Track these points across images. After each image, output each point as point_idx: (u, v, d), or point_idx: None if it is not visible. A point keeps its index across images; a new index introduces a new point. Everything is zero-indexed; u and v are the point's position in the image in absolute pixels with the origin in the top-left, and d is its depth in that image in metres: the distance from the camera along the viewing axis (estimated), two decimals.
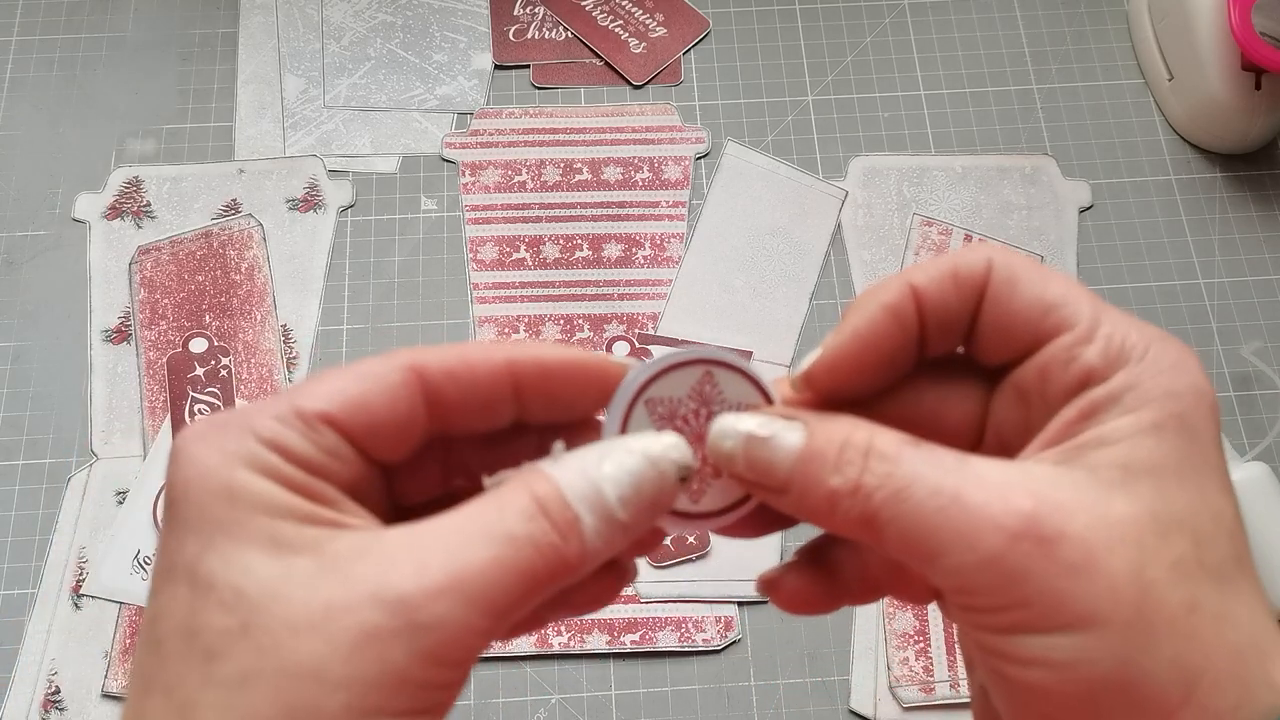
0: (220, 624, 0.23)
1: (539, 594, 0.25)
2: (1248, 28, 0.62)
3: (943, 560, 0.25)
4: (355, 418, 0.26)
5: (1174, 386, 0.26)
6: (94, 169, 0.67)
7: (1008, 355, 0.28)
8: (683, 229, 0.66)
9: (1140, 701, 0.24)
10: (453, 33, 0.72)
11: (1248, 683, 0.24)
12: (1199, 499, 0.25)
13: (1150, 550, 0.24)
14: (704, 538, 0.58)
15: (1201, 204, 0.67)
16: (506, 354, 0.27)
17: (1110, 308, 0.27)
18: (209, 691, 0.23)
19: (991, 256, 0.28)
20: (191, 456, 0.25)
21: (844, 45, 0.72)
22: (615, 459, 0.26)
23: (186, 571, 0.24)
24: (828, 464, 0.26)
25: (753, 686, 0.56)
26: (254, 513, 0.24)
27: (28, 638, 0.56)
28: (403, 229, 0.66)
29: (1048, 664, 0.24)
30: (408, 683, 0.23)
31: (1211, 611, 0.24)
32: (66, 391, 0.61)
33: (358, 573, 0.24)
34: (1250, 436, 0.61)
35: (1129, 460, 0.25)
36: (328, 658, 0.23)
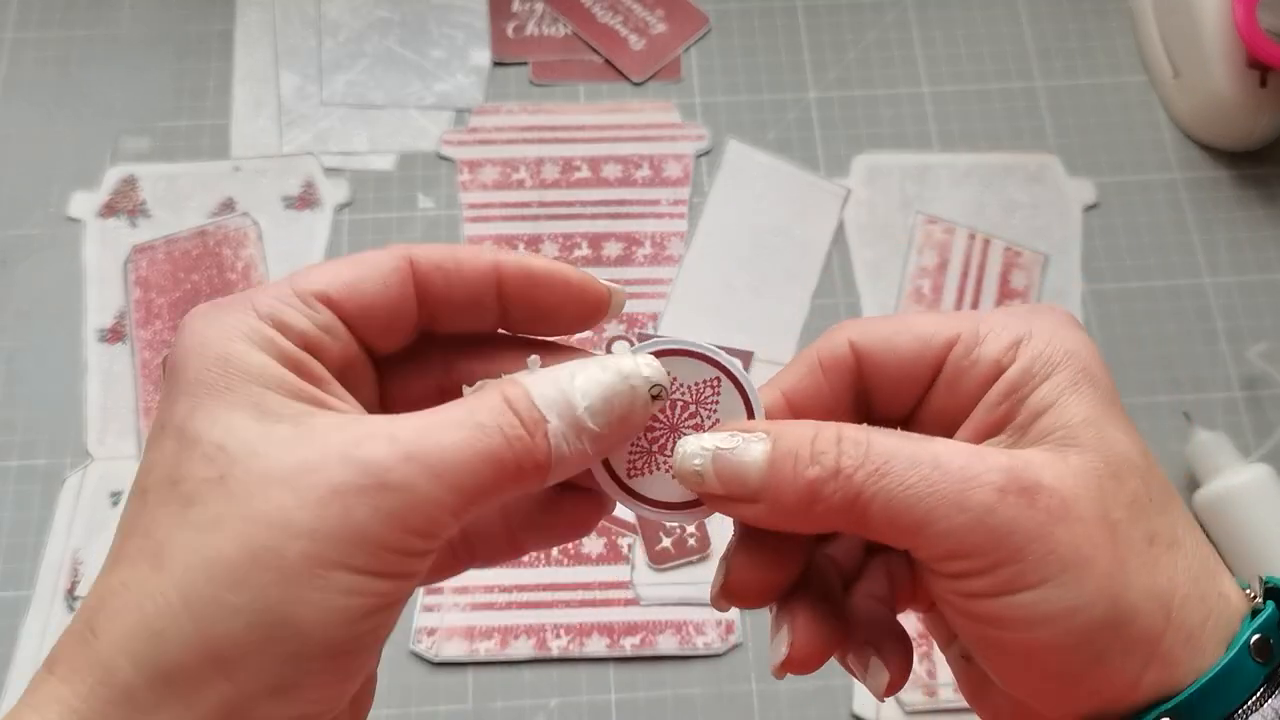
0: (200, 474, 0.25)
1: (505, 484, 0.26)
2: (1252, 24, 0.62)
3: (932, 527, 0.26)
4: (350, 298, 0.28)
5: (1069, 346, 0.28)
6: (89, 167, 0.66)
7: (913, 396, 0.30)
8: (683, 227, 0.66)
9: (1132, 634, 0.26)
10: (451, 29, 0.71)
11: (1206, 598, 0.27)
12: (1128, 440, 0.28)
13: (1110, 493, 0.27)
14: (704, 539, 0.58)
15: (1206, 202, 0.67)
16: (494, 256, 0.29)
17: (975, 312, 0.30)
18: (182, 532, 0.25)
19: (848, 334, 0.30)
20: (194, 330, 0.27)
21: (846, 42, 0.71)
22: (588, 373, 0.28)
23: (175, 429, 0.26)
24: (802, 459, 0.27)
25: (754, 691, 0.55)
26: (244, 381, 0.26)
27: (22, 640, 0.56)
28: (400, 227, 0.66)
29: (1044, 620, 0.26)
30: (368, 541, 0.25)
31: (1165, 539, 0.27)
32: (61, 392, 0.61)
33: (333, 439, 0.25)
34: (1256, 437, 0.60)
35: (1067, 419, 0.27)
36: (294, 509, 0.25)
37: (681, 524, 0.30)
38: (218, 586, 0.24)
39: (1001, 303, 0.64)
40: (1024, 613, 0.26)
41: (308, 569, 0.24)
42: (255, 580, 0.24)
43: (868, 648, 0.30)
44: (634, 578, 0.57)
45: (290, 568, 0.24)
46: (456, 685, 0.55)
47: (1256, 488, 0.56)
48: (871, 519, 0.27)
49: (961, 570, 0.26)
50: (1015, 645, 0.27)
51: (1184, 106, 0.68)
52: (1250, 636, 0.26)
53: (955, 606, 0.28)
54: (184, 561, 0.25)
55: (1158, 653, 0.26)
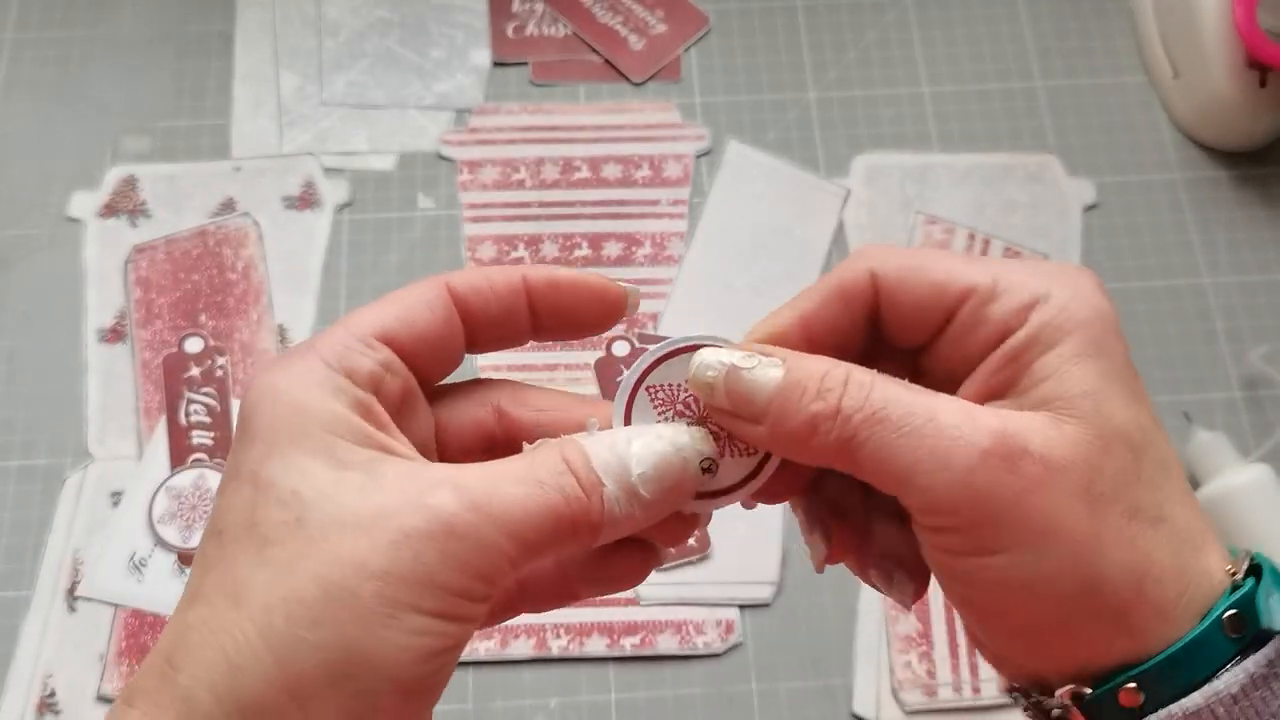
0: (277, 517, 0.27)
1: (562, 539, 0.28)
2: (1252, 24, 0.62)
3: (916, 480, 0.27)
4: (404, 332, 0.30)
5: (1082, 316, 0.29)
6: (89, 167, 0.66)
7: (923, 336, 0.31)
8: (683, 227, 0.66)
9: (1101, 605, 0.27)
10: (451, 29, 0.71)
11: (1186, 573, 0.27)
12: (1127, 414, 0.28)
13: (1096, 466, 0.27)
14: (704, 540, 0.58)
15: (1206, 202, 0.67)
16: (521, 270, 0.31)
17: (1001, 261, 0.30)
18: (260, 571, 0.26)
19: (871, 265, 0.30)
20: (265, 380, 0.29)
21: (846, 41, 0.71)
22: (644, 441, 0.29)
23: (250, 475, 0.27)
24: (808, 393, 0.28)
25: (754, 690, 0.55)
26: (317, 428, 0.27)
27: (22, 641, 0.56)
28: (400, 227, 0.66)
29: (1013, 584, 0.27)
30: (437, 585, 0.26)
31: (1150, 514, 0.27)
32: (61, 392, 0.61)
33: (403, 487, 0.27)
34: (1256, 438, 0.60)
35: (1065, 390, 0.28)
36: (368, 551, 0.26)
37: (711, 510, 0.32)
38: (296, 624, 0.26)
39: None
40: (994, 575, 0.27)
41: (381, 609, 0.26)
42: (332, 618, 0.26)
43: (887, 561, 0.32)
44: None
45: (365, 607, 0.26)
46: (456, 685, 0.55)
47: (1256, 488, 0.56)
48: (862, 462, 0.28)
49: (940, 525, 0.28)
50: (987, 604, 0.28)
51: (1184, 106, 0.68)
52: (1224, 612, 0.27)
53: (935, 560, 0.29)
54: (262, 600, 0.26)
55: (1127, 624, 0.27)
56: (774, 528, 0.58)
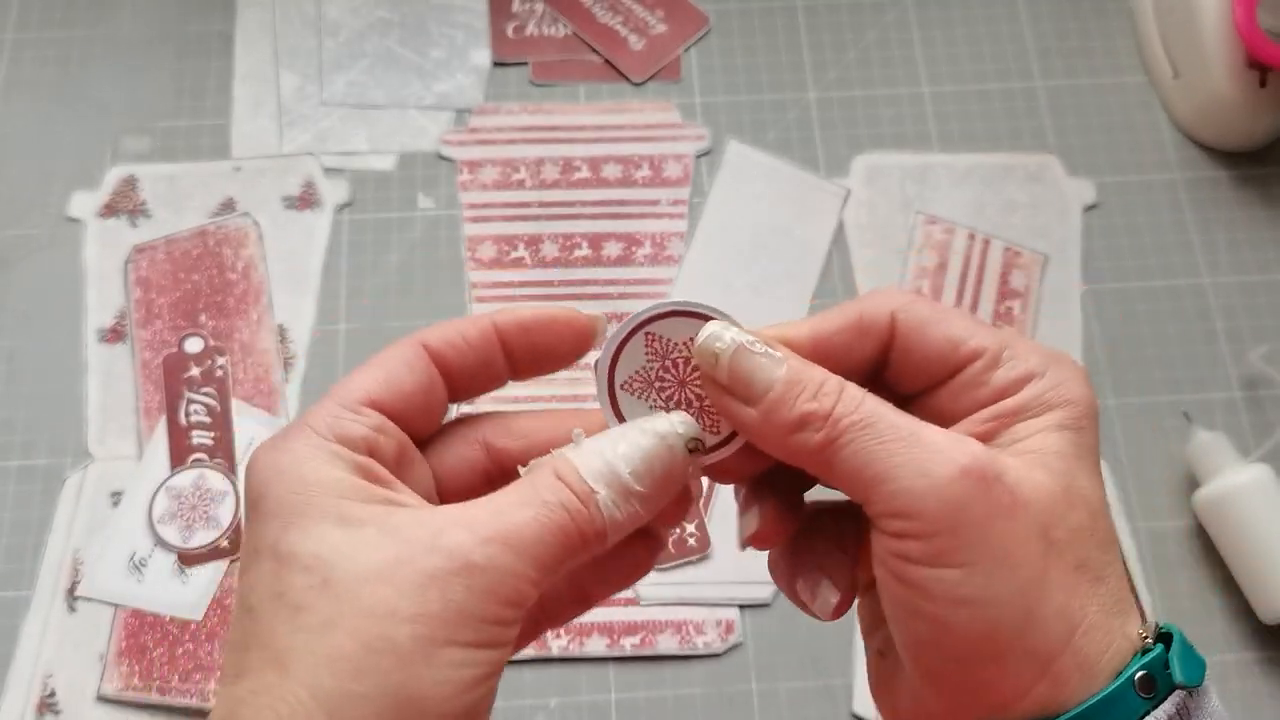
0: (303, 583, 0.27)
1: (574, 551, 0.29)
2: (1252, 24, 0.62)
3: (890, 484, 0.28)
4: (389, 394, 0.31)
5: (1070, 397, 0.30)
6: (89, 167, 0.66)
7: (923, 384, 0.32)
8: (683, 227, 0.66)
9: (1033, 644, 0.28)
10: (451, 29, 0.71)
11: (1110, 631, 0.29)
12: (1090, 485, 0.30)
13: (1059, 514, 0.29)
14: (704, 539, 0.58)
15: (1206, 202, 0.67)
16: (489, 317, 0.33)
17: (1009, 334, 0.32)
18: (298, 637, 0.27)
19: (895, 310, 0.32)
20: (265, 462, 0.30)
21: (846, 41, 0.71)
22: (628, 440, 0.30)
23: (270, 550, 0.28)
24: (806, 392, 0.30)
25: (754, 690, 0.55)
26: (323, 496, 0.29)
27: (22, 641, 0.56)
28: (400, 227, 0.66)
29: (961, 601, 0.28)
30: (468, 616, 0.27)
31: (1094, 572, 0.29)
32: (61, 392, 0.61)
33: (416, 535, 0.28)
34: (1256, 438, 0.60)
35: (1043, 448, 0.30)
36: (396, 599, 0.27)
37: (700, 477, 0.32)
38: (342, 679, 0.26)
39: (1001, 303, 0.64)
40: (945, 589, 0.28)
41: (420, 650, 0.27)
42: (374, 668, 0.27)
43: (817, 572, 0.33)
44: None
45: (404, 651, 0.27)
46: None
47: (1256, 488, 0.56)
48: (838, 465, 0.29)
49: (903, 530, 0.28)
50: (930, 618, 0.29)
51: (1184, 107, 0.68)
52: (1135, 672, 0.28)
53: (889, 567, 0.29)
54: (306, 663, 0.27)
55: (1051, 670, 0.28)
56: None
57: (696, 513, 0.58)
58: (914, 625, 0.29)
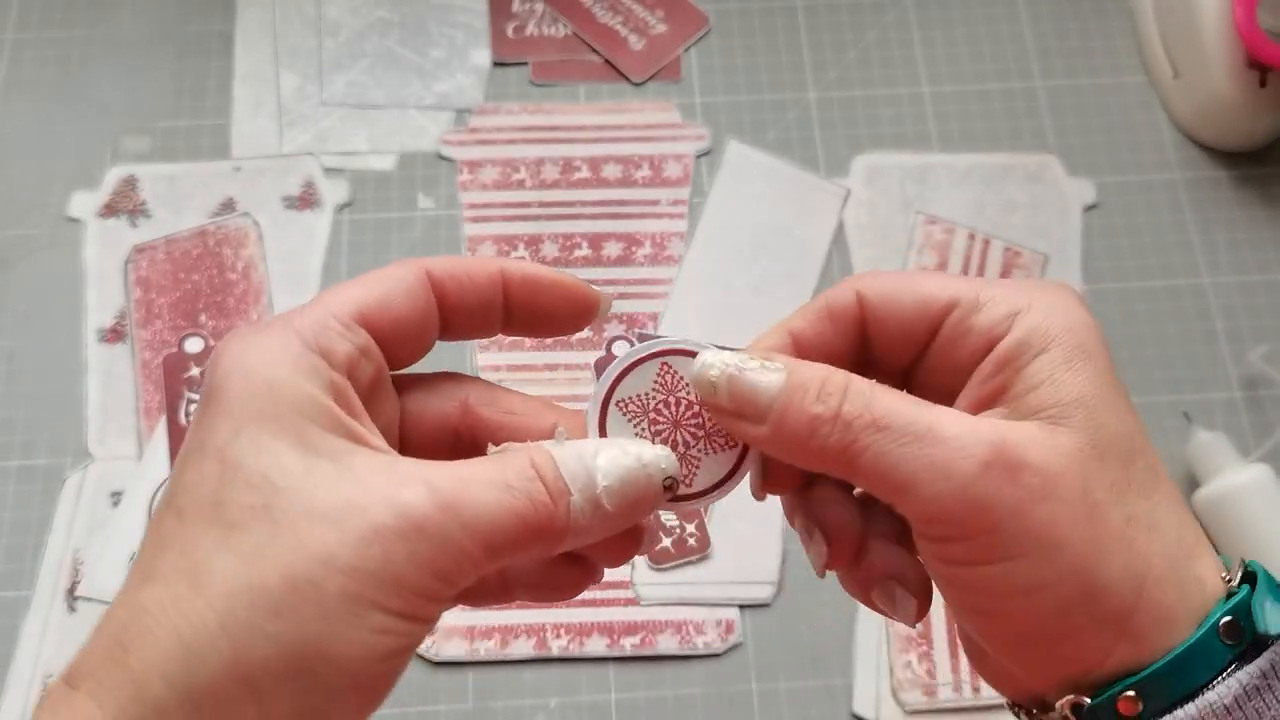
0: (244, 500, 0.26)
1: (527, 545, 0.28)
2: (1252, 24, 0.62)
3: (917, 490, 0.27)
4: (382, 315, 0.29)
5: (1066, 322, 0.29)
6: (89, 167, 0.66)
7: (909, 353, 0.31)
8: (683, 227, 0.66)
9: (1103, 611, 0.27)
10: (451, 29, 0.71)
11: (1182, 578, 0.28)
12: (1118, 422, 0.28)
13: (1093, 474, 0.28)
14: (704, 539, 0.58)
15: (1206, 202, 0.67)
16: (500, 263, 0.31)
17: (981, 280, 0.31)
18: (222, 556, 0.25)
19: (858, 286, 0.31)
20: (235, 352, 0.28)
21: (846, 41, 0.71)
22: (609, 454, 0.29)
23: (217, 451, 0.27)
24: (809, 395, 0.29)
25: (754, 690, 0.55)
26: (290, 411, 0.27)
27: (22, 641, 0.56)
28: (400, 227, 0.66)
29: (1017, 592, 0.27)
30: (403, 584, 0.26)
31: (1144, 521, 0.28)
32: (61, 392, 0.61)
33: (374, 482, 0.26)
34: (1256, 437, 0.60)
35: (1059, 397, 0.28)
36: (337, 545, 0.25)
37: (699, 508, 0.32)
38: (257, 614, 0.25)
39: None
40: (998, 584, 0.27)
41: (345, 605, 0.25)
42: (294, 611, 0.25)
43: (890, 581, 0.32)
44: (634, 577, 0.57)
45: (329, 602, 0.25)
46: (456, 685, 0.55)
47: (1256, 488, 0.56)
48: (862, 469, 0.28)
49: (942, 534, 0.28)
50: (990, 611, 0.28)
51: (1184, 107, 0.68)
52: (1220, 618, 0.27)
53: (935, 569, 0.29)
54: (224, 586, 0.25)
55: (1128, 628, 0.27)
56: (774, 528, 0.58)
57: (696, 513, 0.58)
58: (979, 621, 0.29)
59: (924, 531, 0.28)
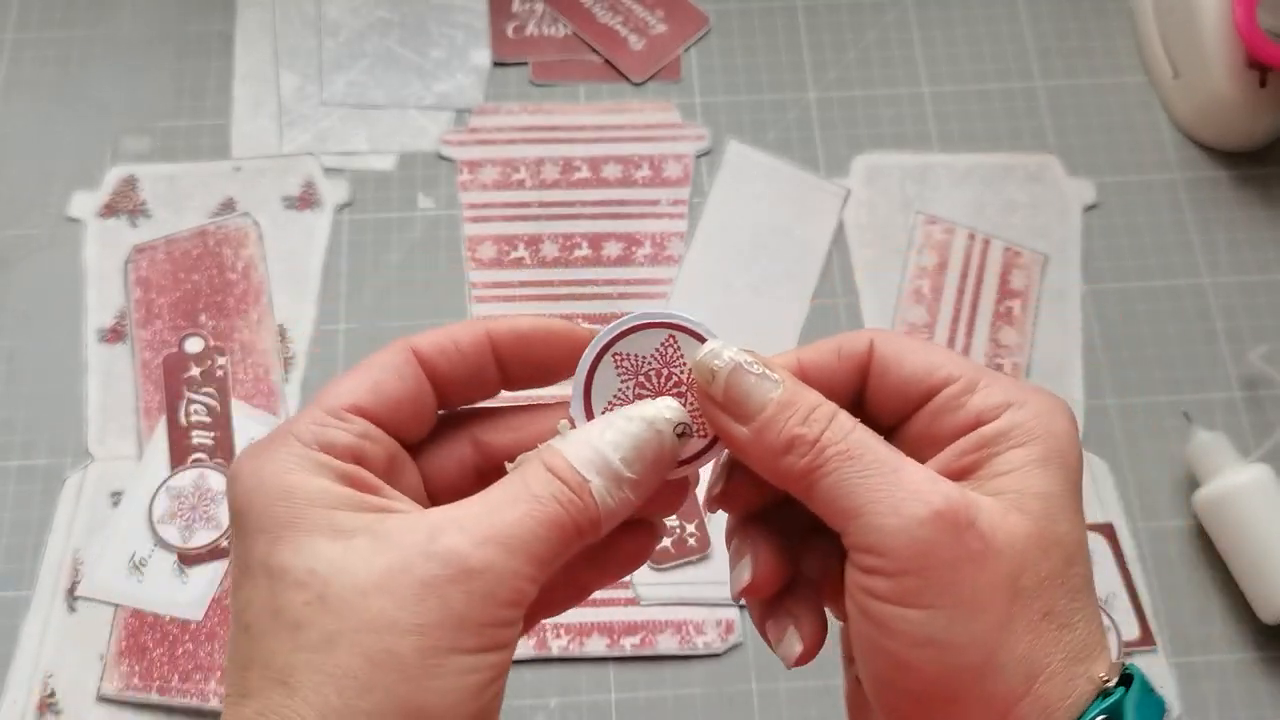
0: (300, 599, 0.27)
1: (569, 544, 0.29)
2: (1252, 24, 0.62)
3: (863, 519, 0.28)
4: (376, 401, 0.30)
5: (1053, 428, 0.30)
6: (89, 167, 0.66)
7: (901, 410, 0.32)
8: (683, 227, 0.66)
9: (993, 690, 0.28)
10: (451, 29, 0.71)
11: (1075, 678, 0.29)
12: (1070, 527, 0.30)
13: (1031, 561, 0.29)
14: (704, 539, 0.58)
15: (1207, 202, 0.67)
16: (484, 325, 0.32)
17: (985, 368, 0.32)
18: (300, 655, 0.27)
19: (873, 337, 0.32)
20: (247, 472, 0.29)
21: (846, 42, 0.71)
22: (616, 427, 0.30)
23: (261, 565, 0.28)
24: (798, 414, 0.30)
25: (754, 690, 0.55)
26: (311, 507, 0.28)
27: (22, 641, 0.55)
28: (400, 227, 0.66)
29: (922, 642, 0.28)
30: (468, 622, 0.27)
31: (1060, 620, 0.29)
32: (61, 392, 0.61)
33: (410, 540, 0.27)
34: (1256, 437, 0.60)
35: (1024, 487, 0.29)
36: (395, 610, 0.27)
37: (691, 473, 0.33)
38: (348, 697, 0.26)
39: (1001, 303, 0.64)
40: (908, 628, 0.28)
41: (423, 661, 0.26)
42: (380, 683, 0.26)
43: (788, 618, 0.33)
44: (634, 577, 0.57)
45: (408, 664, 0.26)
46: None
47: (1256, 488, 0.56)
48: (818, 492, 0.29)
49: (873, 567, 0.29)
50: (891, 656, 0.29)
51: (1184, 107, 0.68)
52: (1095, 716, 0.28)
53: (856, 601, 0.30)
54: (312, 682, 0.26)
55: (1010, 716, 0.28)
56: None
57: (697, 512, 0.58)
58: (876, 661, 0.30)
59: (858, 561, 0.29)
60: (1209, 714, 0.55)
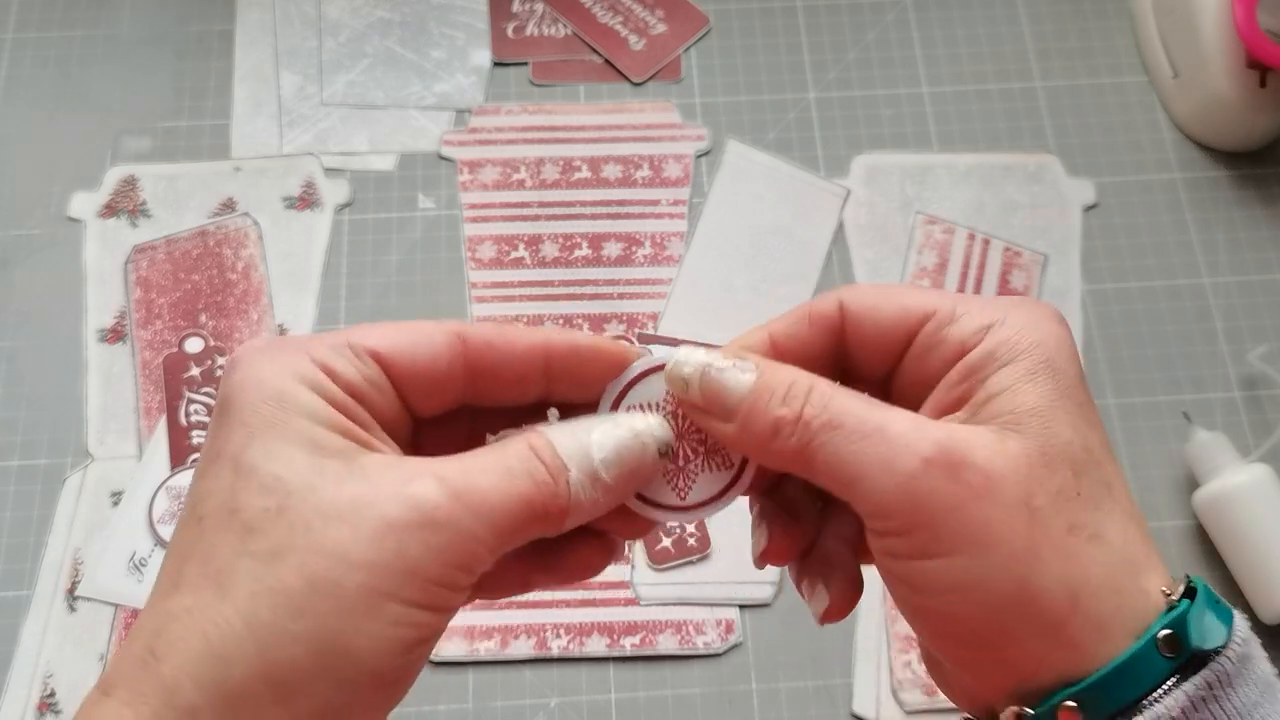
0: (259, 504, 0.27)
1: (532, 525, 0.29)
2: (1252, 25, 0.62)
3: (863, 484, 0.28)
4: (399, 359, 0.30)
5: (1037, 337, 0.30)
6: (89, 167, 0.66)
7: (886, 362, 0.32)
8: (683, 227, 0.66)
9: (1036, 615, 0.27)
10: (451, 29, 0.71)
11: (1123, 590, 0.28)
12: (1074, 433, 0.29)
13: (1038, 480, 0.28)
14: (704, 539, 0.58)
15: (1206, 203, 0.67)
16: (544, 335, 0.31)
17: (961, 295, 0.31)
18: (243, 560, 0.26)
19: (840, 295, 0.32)
20: (249, 363, 0.29)
21: (846, 42, 0.71)
22: (603, 428, 0.30)
23: (231, 459, 0.27)
24: (775, 397, 0.30)
25: (754, 690, 0.55)
26: (298, 416, 0.28)
27: (23, 640, 0.56)
28: (400, 227, 0.66)
29: (952, 588, 0.28)
30: (419, 574, 0.27)
31: (1088, 532, 0.28)
32: (61, 392, 0.61)
33: (384, 478, 0.27)
34: (1256, 437, 0.60)
35: (1015, 406, 0.29)
36: (352, 542, 0.26)
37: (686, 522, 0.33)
38: (280, 614, 0.26)
39: None
40: (934, 579, 0.28)
41: (364, 600, 0.26)
42: (316, 609, 0.26)
43: (819, 577, 0.33)
44: (634, 577, 0.57)
45: (348, 598, 0.26)
46: (456, 685, 0.55)
47: (1256, 488, 0.56)
48: (817, 466, 0.29)
49: (884, 528, 0.29)
50: (929, 608, 0.29)
51: (1184, 107, 0.68)
52: (1159, 630, 0.27)
53: (882, 565, 0.30)
54: (247, 589, 0.26)
55: (1063, 636, 0.27)
56: None
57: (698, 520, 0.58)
58: (921, 619, 0.29)
59: (872, 526, 0.29)
60: None
